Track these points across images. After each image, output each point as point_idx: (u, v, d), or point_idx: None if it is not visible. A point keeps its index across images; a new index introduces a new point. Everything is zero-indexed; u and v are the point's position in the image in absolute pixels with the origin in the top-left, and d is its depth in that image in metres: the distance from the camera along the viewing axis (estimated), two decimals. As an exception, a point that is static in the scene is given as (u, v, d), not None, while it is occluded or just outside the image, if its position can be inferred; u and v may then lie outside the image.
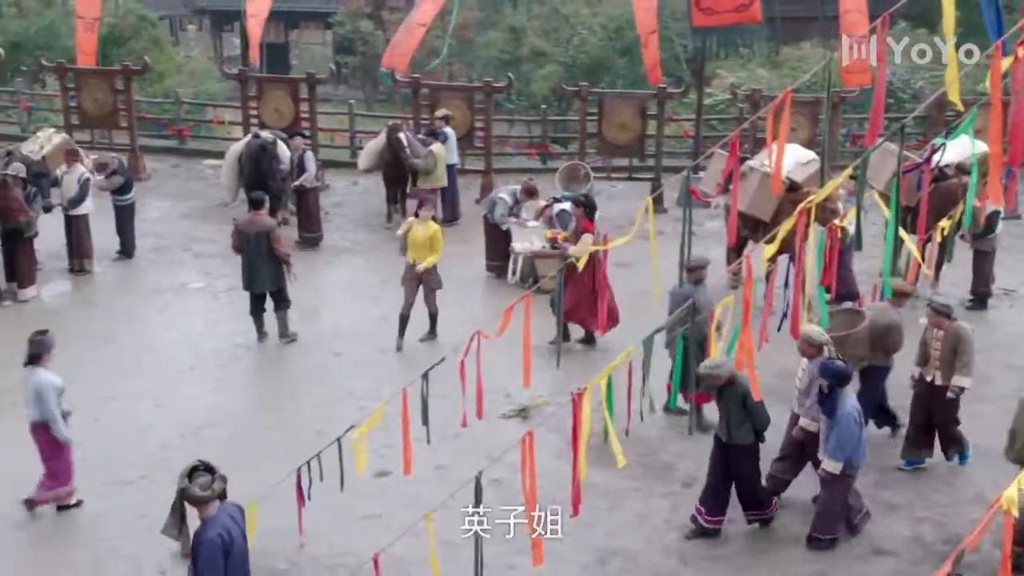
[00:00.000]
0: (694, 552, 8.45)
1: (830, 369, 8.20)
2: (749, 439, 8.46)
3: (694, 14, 16.92)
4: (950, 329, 9.20)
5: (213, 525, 6.10)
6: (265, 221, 12.03)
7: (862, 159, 6.14)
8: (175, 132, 21.23)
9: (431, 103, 18.03)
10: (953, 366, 9.22)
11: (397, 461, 8.29)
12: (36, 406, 8.62)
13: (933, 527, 8.76)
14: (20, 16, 28.39)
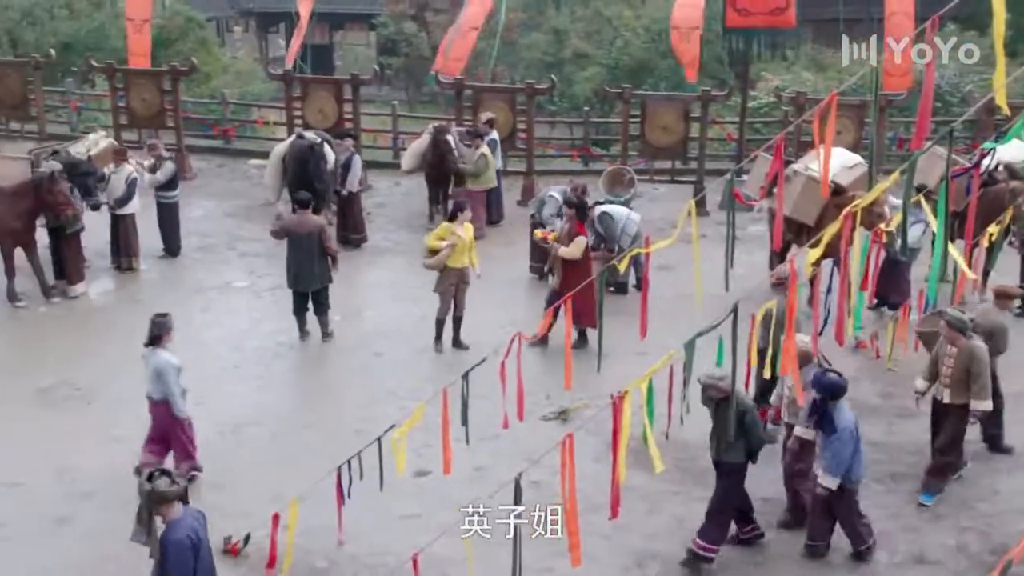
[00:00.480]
0: (733, 556, 8.39)
1: (822, 382, 7.99)
2: (740, 458, 8.14)
3: (728, 14, 16.87)
4: (964, 347, 8.80)
5: (180, 527, 6.16)
6: (315, 220, 12.20)
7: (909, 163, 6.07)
8: (221, 132, 21.45)
9: (474, 104, 18.09)
10: (965, 385, 8.83)
11: (436, 461, 8.32)
12: (156, 385, 9.07)
13: (978, 537, 8.63)
14: (71, 18, 28.83)
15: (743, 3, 16.36)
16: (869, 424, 10.54)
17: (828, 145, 5.71)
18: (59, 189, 12.50)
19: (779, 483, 8.92)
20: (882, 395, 11.09)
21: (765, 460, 8.53)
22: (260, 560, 8.13)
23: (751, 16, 16.48)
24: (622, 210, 13.86)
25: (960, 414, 9.00)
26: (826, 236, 5.46)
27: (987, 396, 8.83)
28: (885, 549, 8.41)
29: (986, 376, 8.79)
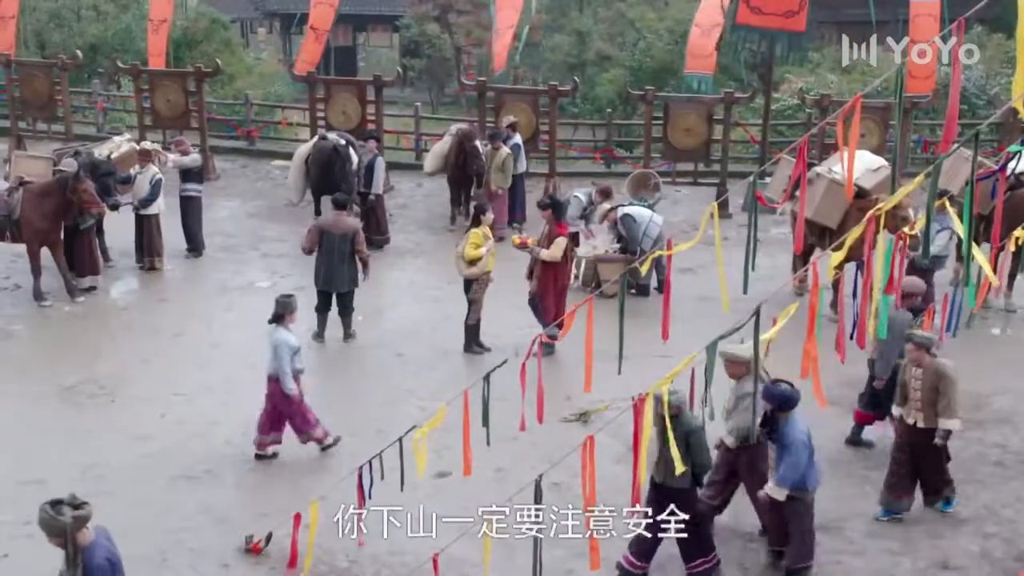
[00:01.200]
0: (755, 561, 8.35)
1: (773, 393, 7.81)
2: (686, 483, 7.68)
3: (741, 10, 16.77)
4: (929, 366, 8.49)
5: (97, 549, 6.08)
6: (350, 222, 12.29)
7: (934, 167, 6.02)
8: (244, 133, 21.56)
9: (496, 106, 18.10)
10: (936, 407, 8.50)
11: (457, 462, 8.30)
12: (272, 361, 9.49)
13: (1003, 543, 8.55)
14: (98, 19, 29.08)
15: (757, 1, 16.27)
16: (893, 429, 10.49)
17: (852, 148, 5.68)
18: (85, 187, 12.59)
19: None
20: (906, 400, 10.99)
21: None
22: (281, 559, 8.14)
23: (763, 16, 16.38)
24: (644, 212, 13.84)
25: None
26: (849, 239, 5.42)
27: (954, 415, 8.48)
28: (908, 555, 8.34)
29: (952, 394, 8.43)
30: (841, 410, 10.89)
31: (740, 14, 17.11)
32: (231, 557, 8.21)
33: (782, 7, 16.58)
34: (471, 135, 16.12)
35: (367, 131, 17.06)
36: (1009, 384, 11.38)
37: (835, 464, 9.74)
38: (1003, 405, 10.98)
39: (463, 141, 15.96)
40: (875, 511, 8.86)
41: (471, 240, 11.48)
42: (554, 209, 11.94)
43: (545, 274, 11.68)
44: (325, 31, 19.11)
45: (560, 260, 11.69)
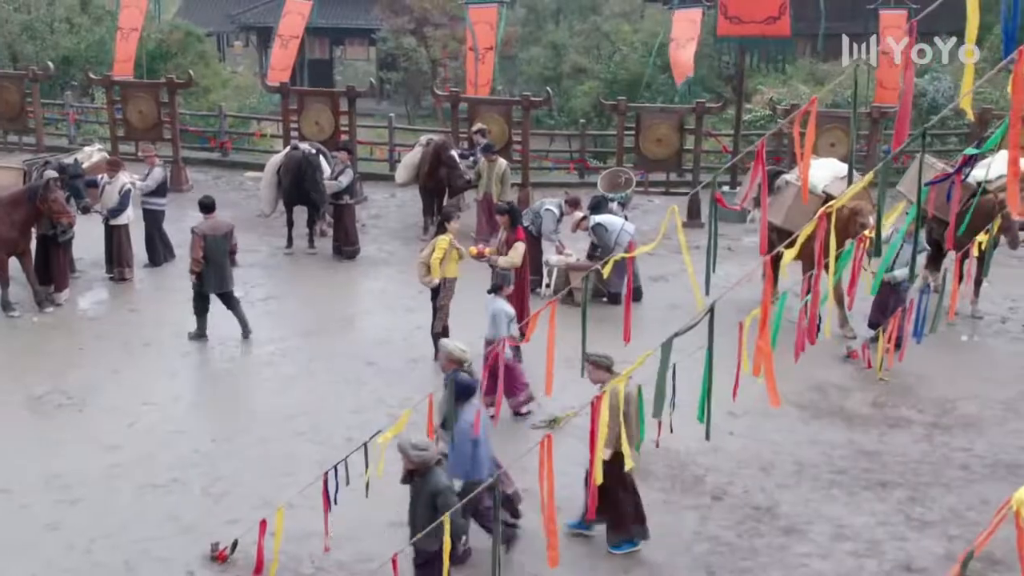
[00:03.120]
0: (721, 564, 8.37)
1: (456, 384, 7.88)
2: (435, 547, 6.68)
3: (720, 22, 16.93)
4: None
5: None
6: (225, 222, 12.69)
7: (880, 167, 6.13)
8: (218, 145, 21.53)
9: (470, 117, 18.15)
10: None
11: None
12: (490, 328, 10.52)
13: (966, 545, 8.57)
14: (71, 32, 28.97)
15: (735, 11, 16.41)
16: (860, 433, 10.57)
17: (808, 151, 5.73)
18: (55, 198, 12.54)
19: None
20: (873, 405, 11.09)
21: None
22: (247, 567, 8.10)
23: (743, 25, 16.52)
24: (616, 221, 13.89)
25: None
26: (802, 236, 5.47)
27: (609, 445, 7.76)
28: (874, 558, 8.39)
29: (631, 417, 8.09)
30: (808, 415, 10.99)
31: (720, 26, 17.25)
32: (197, 565, 8.15)
33: (762, 14, 16.70)
34: (447, 145, 16.17)
35: (340, 143, 17.07)
36: (976, 389, 11.49)
37: (802, 468, 9.82)
38: (969, 410, 11.07)
39: (439, 151, 16.00)
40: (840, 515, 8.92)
41: (437, 247, 11.50)
42: (511, 215, 11.98)
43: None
44: (294, 38, 19.11)
45: (519, 265, 11.73)
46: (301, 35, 19.58)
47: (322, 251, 15.78)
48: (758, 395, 11.07)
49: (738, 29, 16.75)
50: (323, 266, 15.41)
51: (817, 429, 10.63)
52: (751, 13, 16.47)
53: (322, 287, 14.62)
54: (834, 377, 11.85)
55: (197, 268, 12.14)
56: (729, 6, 16.70)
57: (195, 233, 12.21)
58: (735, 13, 16.54)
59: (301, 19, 19.39)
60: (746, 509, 9.13)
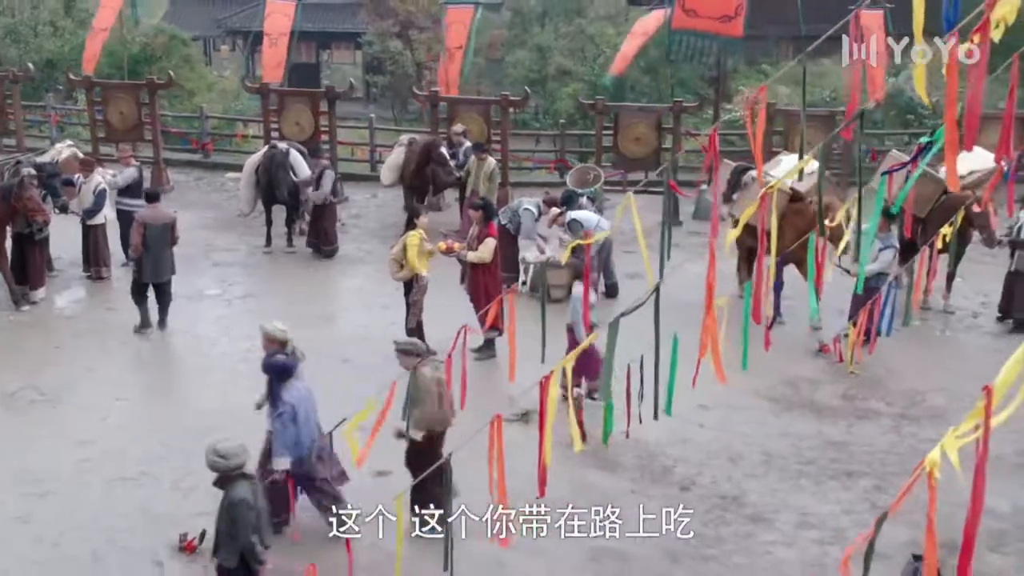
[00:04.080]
0: (686, 552, 8.44)
1: (270, 365, 8.12)
2: (232, 562, 6.82)
3: (676, 14, 17.01)
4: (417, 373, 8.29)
5: None
6: (167, 213, 12.85)
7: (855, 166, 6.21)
8: (200, 146, 21.57)
9: (449, 117, 18.24)
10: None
11: (396, 461, 8.43)
12: (571, 313, 10.89)
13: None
14: (55, 35, 29.01)
15: (692, 4, 16.50)
16: (829, 424, 10.67)
17: (759, 141, 5.81)
18: (30, 196, 12.58)
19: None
20: (843, 397, 11.20)
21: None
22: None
23: (698, 19, 16.61)
24: (592, 217, 13.96)
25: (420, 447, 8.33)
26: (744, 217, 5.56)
27: (422, 427, 8.21)
28: (838, 545, 8.46)
29: (427, 404, 8.19)
30: (779, 407, 11.08)
31: (676, 18, 17.32)
32: (165, 556, 8.20)
33: (718, 11, 16.78)
34: (437, 143, 16.24)
35: (316, 146, 17.18)
36: (945, 382, 11.59)
37: (771, 459, 9.90)
38: (938, 402, 11.17)
39: (429, 149, 16.05)
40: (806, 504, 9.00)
41: (408, 243, 11.56)
42: (485, 211, 12.05)
43: (475, 275, 11.78)
44: (282, 35, 19.19)
45: (490, 262, 11.79)
46: (289, 32, 19.63)
47: (301, 250, 15.84)
48: (729, 388, 11.27)
49: (692, 22, 16.82)
50: (301, 265, 15.47)
51: (787, 421, 10.72)
52: (707, 9, 16.55)
53: (300, 285, 14.67)
54: (806, 371, 11.95)
55: (136, 253, 12.38)
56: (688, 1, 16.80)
57: (136, 221, 12.42)
58: (692, 6, 16.62)
59: (286, 18, 19.51)
60: (713, 499, 9.21)
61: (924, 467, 3.99)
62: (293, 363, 8.21)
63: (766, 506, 9.04)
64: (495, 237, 11.92)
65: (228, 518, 6.75)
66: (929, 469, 3.97)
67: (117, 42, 26.36)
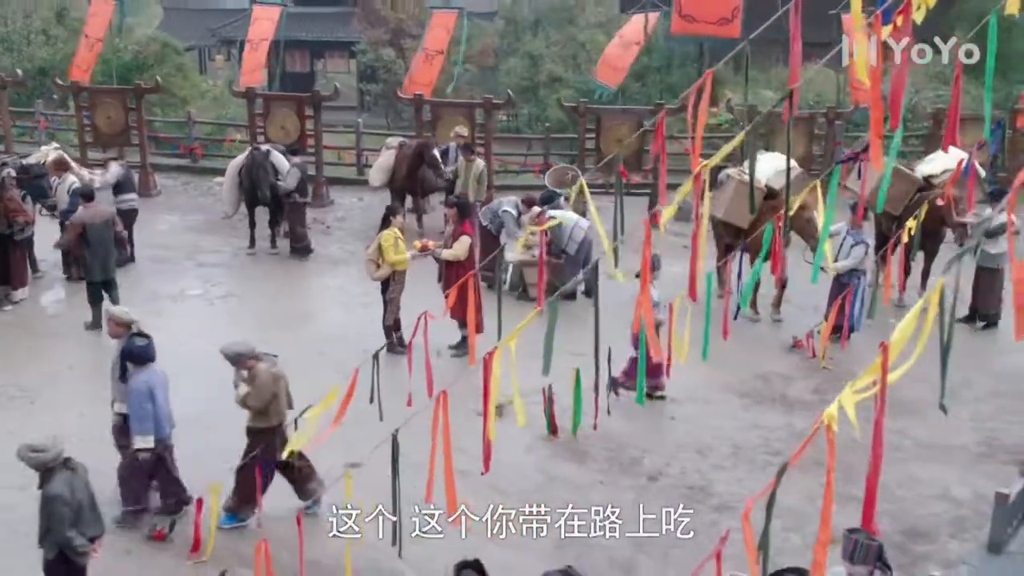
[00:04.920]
0: (652, 541, 8.54)
1: (127, 350, 8.47)
2: (51, 554, 7.19)
3: (674, 20, 17.19)
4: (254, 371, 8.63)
5: None
6: (107, 209, 13.10)
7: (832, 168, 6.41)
8: (188, 151, 21.71)
9: (433, 119, 18.40)
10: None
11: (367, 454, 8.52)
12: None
13: (891, 519, 8.82)
14: (48, 44, 29.20)
15: (689, 9, 16.69)
16: (799, 417, 10.79)
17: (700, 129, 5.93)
18: (10, 196, 12.71)
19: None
20: (814, 391, 11.32)
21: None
22: (185, 546, 8.28)
23: (696, 24, 16.82)
24: (571, 216, 14.10)
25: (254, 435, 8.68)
26: (679, 196, 5.69)
27: (272, 420, 8.62)
28: (798, 531, 8.59)
29: (259, 396, 8.58)
30: (750, 401, 11.21)
31: (674, 24, 17.53)
32: (135, 544, 8.33)
33: (715, 15, 16.98)
34: (431, 145, 16.34)
35: (294, 148, 17.39)
36: (918, 376, 11.61)
37: (739, 451, 10.03)
38: (907, 396, 11.22)
39: (422, 151, 16.15)
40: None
41: (383, 242, 11.69)
42: (459, 208, 12.19)
43: (450, 273, 11.89)
44: (263, 40, 19.34)
45: (465, 259, 11.89)
46: (271, 38, 19.76)
47: (284, 251, 15.97)
48: (702, 383, 11.42)
49: (691, 28, 17.05)
50: (284, 265, 15.60)
51: (757, 415, 10.84)
52: (704, 14, 16.75)
53: (282, 285, 14.81)
54: (779, 367, 12.08)
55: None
56: (684, 4, 16.98)
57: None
58: (689, 12, 16.83)
59: (270, 24, 19.63)
60: (681, 489, 9.34)
61: (822, 420, 4.11)
62: (152, 349, 8.63)
63: (732, 496, 9.16)
64: (470, 235, 12.05)
65: (44, 513, 7.03)
66: (827, 423, 4.09)
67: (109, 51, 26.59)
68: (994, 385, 11.56)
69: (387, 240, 11.70)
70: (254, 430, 8.63)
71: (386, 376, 8.39)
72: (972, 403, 11.08)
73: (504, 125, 32.22)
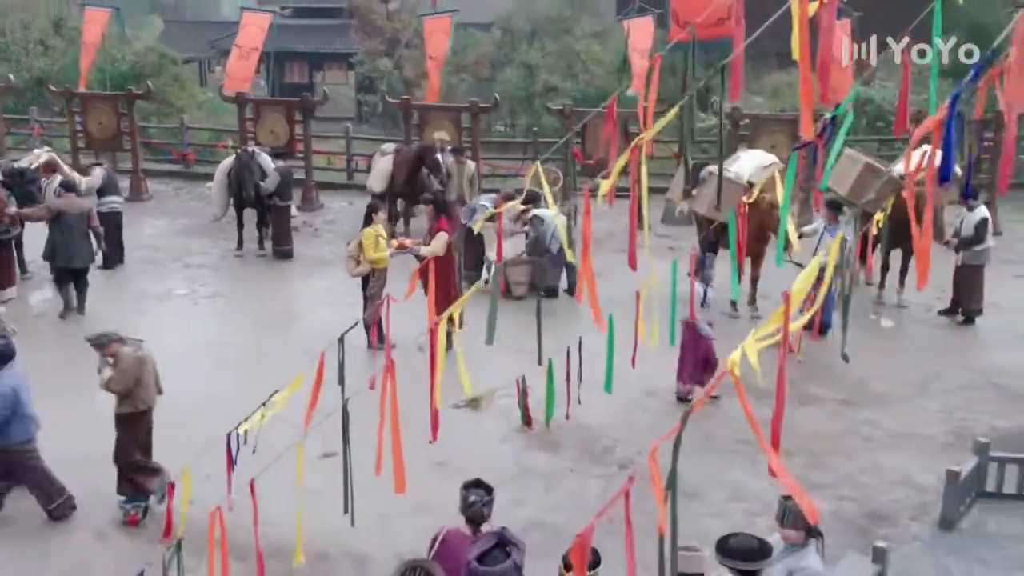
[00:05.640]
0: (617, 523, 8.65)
1: None
2: None
3: (673, 29, 17.35)
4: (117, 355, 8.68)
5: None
6: (83, 202, 13.35)
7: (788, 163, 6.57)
8: (180, 156, 21.92)
9: (421, 123, 18.60)
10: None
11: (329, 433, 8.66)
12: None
13: (854, 504, 8.95)
14: (45, 55, 29.47)
15: (685, 16, 16.83)
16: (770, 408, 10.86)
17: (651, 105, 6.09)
18: (-5, 197, 12.92)
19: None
20: (788, 383, 11.32)
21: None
22: (158, 530, 8.38)
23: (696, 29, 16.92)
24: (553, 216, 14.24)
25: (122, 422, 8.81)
26: (617, 168, 5.84)
27: (139, 405, 8.75)
28: (765, 516, 8.67)
29: (126, 379, 8.64)
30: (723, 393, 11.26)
31: (673, 32, 17.68)
32: (109, 529, 8.47)
33: (712, 17, 17.10)
34: (432, 148, 16.45)
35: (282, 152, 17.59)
36: (890, 371, 11.85)
37: (709, 440, 10.14)
38: (881, 388, 11.43)
39: (423, 155, 16.25)
40: (739, 480, 9.22)
41: (365, 240, 11.85)
42: (436, 206, 12.35)
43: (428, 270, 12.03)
44: (253, 49, 19.52)
45: (444, 255, 12.03)
46: (261, 47, 19.96)
47: (271, 253, 16.13)
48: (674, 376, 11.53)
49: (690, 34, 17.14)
50: (271, 267, 15.79)
51: (729, 406, 10.91)
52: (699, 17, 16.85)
53: (268, 285, 14.98)
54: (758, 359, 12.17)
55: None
56: (680, 12, 17.13)
57: (48, 205, 13.16)
58: (686, 18, 16.97)
59: (260, 32, 19.80)
60: (648, 476, 9.41)
61: (726, 365, 4.24)
62: (12, 348, 8.67)
63: (699, 482, 9.26)
64: (447, 231, 12.21)
65: None
66: (730, 368, 4.23)
67: (107, 61, 26.88)
68: (968, 379, 11.67)
69: (368, 238, 11.87)
70: (121, 416, 8.70)
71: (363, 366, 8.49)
72: (943, 395, 11.20)
73: (502, 134, 32.48)
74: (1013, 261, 16.05)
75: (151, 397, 8.84)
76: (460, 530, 6.36)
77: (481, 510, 6.34)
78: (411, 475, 8.38)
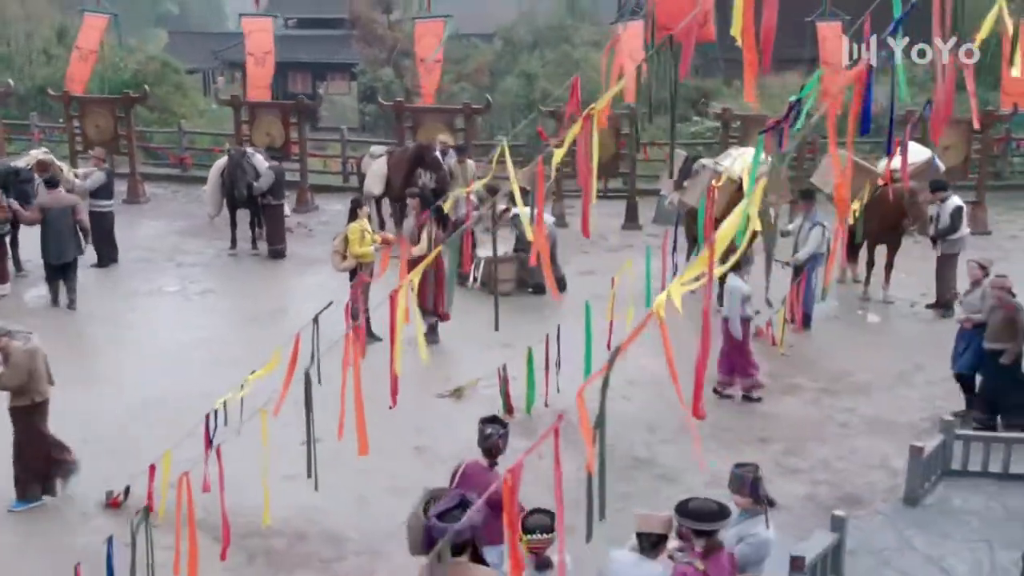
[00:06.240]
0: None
1: None
2: None
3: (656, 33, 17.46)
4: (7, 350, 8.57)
5: None
6: (68, 197, 13.63)
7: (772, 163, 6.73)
8: (178, 160, 22.11)
9: (414, 126, 18.76)
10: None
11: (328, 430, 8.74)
12: (725, 304, 10.86)
13: (829, 488, 9.03)
14: (47, 64, 29.74)
15: (663, 20, 16.96)
16: (751, 397, 11.01)
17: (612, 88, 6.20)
18: (-15, 194, 13.11)
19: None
20: (770, 375, 11.49)
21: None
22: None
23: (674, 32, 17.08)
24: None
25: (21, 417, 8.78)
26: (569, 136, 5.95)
27: (34, 397, 8.72)
28: (744, 500, 8.78)
29: (17, 373, 8.55)
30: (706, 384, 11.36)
31: (657, 36, 17.81)
32: (92, 511, 8.60)
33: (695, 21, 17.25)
34: (431, 147, 16.53)
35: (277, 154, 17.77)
36: (872, 362, 11.94)
37: (688, 427, 10.21)
38: (861, 379, 11.52)
39: (423, 154, 16.32)
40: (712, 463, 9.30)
41: (350, 234, 11.99)
42: (422, 200, 12.48)
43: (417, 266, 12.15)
44: (266, 54, 19.71)
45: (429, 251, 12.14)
46: (272, 49, 20.10)
47: (264, 251, 16.27)
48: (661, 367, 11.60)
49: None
50: (263, 265, 15.93)
51: (711, 397, 11.04)
52: (678, 21, 16.99)
53: (259, 283, 15.12)
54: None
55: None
56: (659, 16, 17.28)
57: (35, 204, 13.44)
58: (664, 22, 17.09)
59: (266, 35, 19.96)
60: (627, 460, 9.55)
61: (654, 309, 4.34)
62: None
63: (676, 467, 9.38)
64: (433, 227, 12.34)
65: None
66: (656, 311, 4.32)
67: (109, 69, 27.13)
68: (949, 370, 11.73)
69: (353, 232, 12.01)
70: (19, 410, 8.68)
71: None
72: (926, 386, 11.27)
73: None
74: (1001, 259, 16.10)
75: (45, 388, 8.77)
76: (478, 462, 6.91)
77: (497, 442, 6.87)
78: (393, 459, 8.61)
